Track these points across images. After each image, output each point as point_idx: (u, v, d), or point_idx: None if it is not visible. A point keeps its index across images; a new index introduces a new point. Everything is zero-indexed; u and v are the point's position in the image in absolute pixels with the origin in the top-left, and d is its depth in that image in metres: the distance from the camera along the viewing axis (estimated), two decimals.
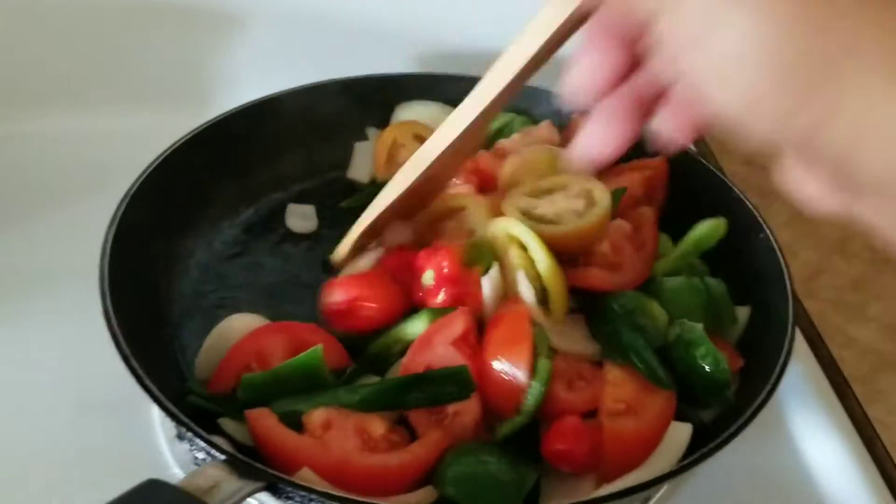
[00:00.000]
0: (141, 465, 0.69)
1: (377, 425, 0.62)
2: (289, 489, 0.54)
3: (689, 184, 0.83)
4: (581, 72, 0.46)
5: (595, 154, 0.48)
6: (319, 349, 0.64)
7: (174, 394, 0.61)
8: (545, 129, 0.86)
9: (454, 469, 0.61)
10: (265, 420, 0.61)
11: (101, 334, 0.64)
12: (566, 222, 0.71)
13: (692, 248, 0.77)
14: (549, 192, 0.75)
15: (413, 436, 0.64)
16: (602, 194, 0.72)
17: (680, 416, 0.66)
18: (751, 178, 0.79)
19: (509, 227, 0.71)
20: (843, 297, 0.88)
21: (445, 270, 0.69)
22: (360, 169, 0.91)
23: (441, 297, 0.69)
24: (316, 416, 0.62)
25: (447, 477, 0.60)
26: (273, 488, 0.54)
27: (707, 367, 0.67)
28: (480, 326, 0.68)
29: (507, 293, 0.70)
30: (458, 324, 0.66)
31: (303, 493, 0.54)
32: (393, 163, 0.86)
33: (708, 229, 0.76)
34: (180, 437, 0.60)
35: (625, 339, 0.68)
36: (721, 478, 0.71)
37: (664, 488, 0.70)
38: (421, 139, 0.85)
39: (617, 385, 0.65)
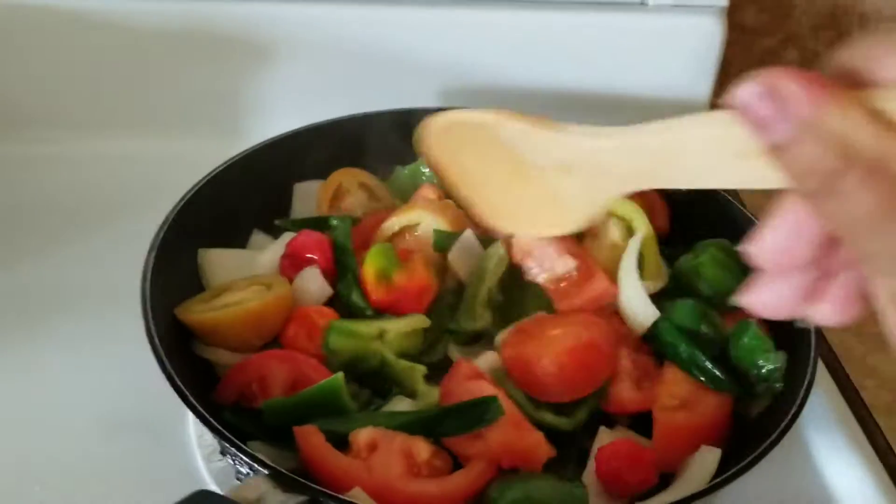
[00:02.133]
0: (178, 482, 0.71)
1: (422, 448, 0.64)
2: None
3: (702, 210, 0.84)
4: (771, 246, 0.39)
5: (766, 315, 0.42)
6: (340, 377, 0.66)
7: (213, 411, 0.63)
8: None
9: (508, 497, 0.62)
10: (312, 438, 0.63)
11: (134, 354, 0.67)
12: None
13: None
14: None
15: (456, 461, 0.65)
16: None
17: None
18: (768, 205, 0.80)
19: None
20: (864, 327, 0.89)
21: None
22: (299, 213, 0.91)
23: None
24: (362, 437, 0.63)
25: None
26: (316, 503, 0.56)
27: (763, 368, 0.71)
28: None
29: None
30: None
31: None
32: (335, 208, 0.87)
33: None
34: (223, 452, 0.61)
35: (684, 356, 0.71)
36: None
37: None
38: (366, 187, 0.90)
39: (673, 384, 0.70)
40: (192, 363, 0.73)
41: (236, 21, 1.00)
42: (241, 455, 0.57)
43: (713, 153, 0.42)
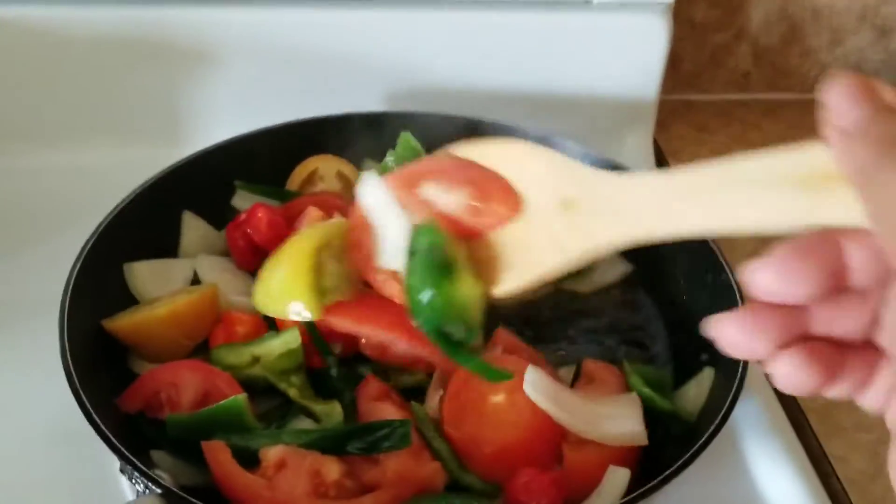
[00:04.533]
0: (97, 497, 0.71)
1: (332, 469, 0.63)
2: None
3: None
4: (768, 278, 0.38)
5: (734, 354, 0.40)
6: (243, 398, 0.65)
7: (122, 427, 0.63)
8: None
9: None
10: (219, 454, 0.62)
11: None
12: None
13: None
14: None
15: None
16: None
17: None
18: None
19: None
20: None
21: None
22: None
23: None
24: (272, 454, 0.63)
25: None
26: None
27: None
28: None
29: None
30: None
31: None
32: (305, 193, 0.88)
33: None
34: (122, 470, 0.61)
35: None
36: None
37: None
38: (343, 177, 0.89)
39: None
40: (125, 379, 0.72)
41: (176, 28, 0.99)
42: (137, 472, 0.57)
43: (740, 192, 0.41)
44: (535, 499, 0.63)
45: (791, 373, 0.38)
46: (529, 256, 0.56)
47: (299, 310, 0.67)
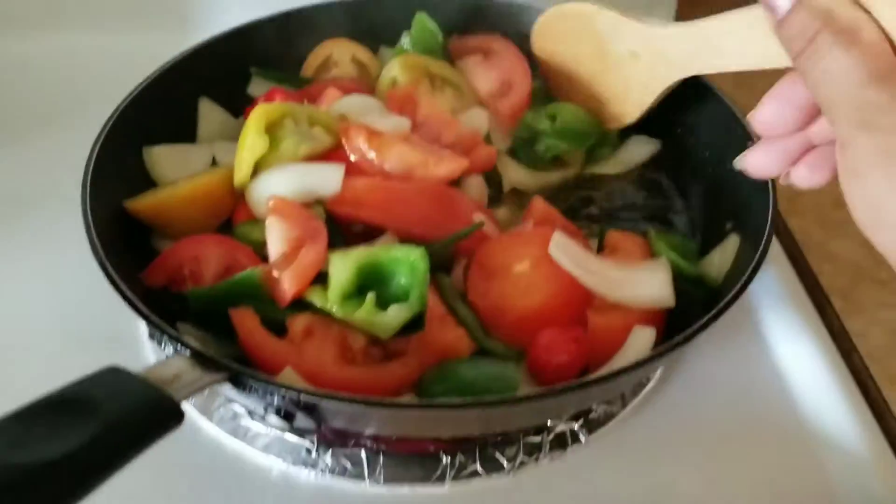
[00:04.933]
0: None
1: (358, 337, 0.63)
2: (249, 381, 0.55)
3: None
4: (768, 113, 0.55)
5: (758, 175, 0.59)
6: (259, 270, 0.64)
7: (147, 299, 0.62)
8: None
9: (440, 382, 0.62)
10: (247, 320, 0.62)
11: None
12: None
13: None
14: None
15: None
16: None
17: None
18: (739, 99, 0.79)
19: None
20: (825, 214, 0.88)
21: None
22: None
23: None
24: (299, 322, 0.63)
25: (430, 387, 0.62)
26: (236, 381, 0.55)
27: None
28: None
29: None
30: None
31: (262, 386, 0.55)
32: (319, 79, 0.87)
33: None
34: (151, 335, 0.61)
35: None
36: (700, 387, 0.73)
37: (643, 393, 0.72)
38: (358, 62, 0.88)
39: None
40: (150, 259, 0.71)
41: None
42: (165, 334, 0.57)
43: (745, 35, 0.63)
44: (556, 356, 0.63)
45: (808, 176, 0.56)
46: (630, 95, 0.78)
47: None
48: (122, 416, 0.47)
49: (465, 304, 0.67)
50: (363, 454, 0.66)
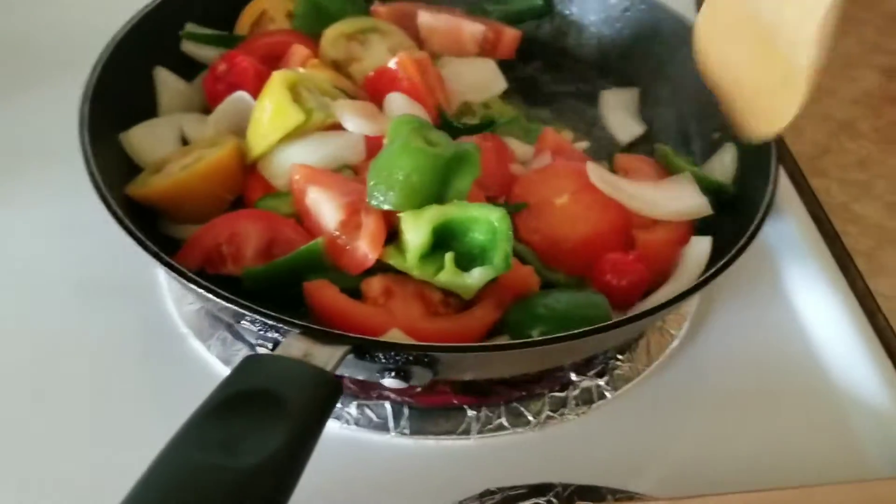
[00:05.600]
0: (153, 328, 0.71)
1: (434, 290, 0.63)
2: (374, 350, 0.55)
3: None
4: None
5: None
6: (320, 242, 0.63)
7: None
8: None
9: (528, 314, 0.63)
10: (326, 291, 0.61)
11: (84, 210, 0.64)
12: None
13: None
14: None
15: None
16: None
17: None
18: None
19: None
20: (849, 175, 0.88)
21: None
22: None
23: None
24: (376, 284, 0.62)
25: (528, 325, 0.62)
26: (359, 351, 0.54)
27: None
28: None
29: None
30: None
31: (388, 353, 0.55)
32: (252, 34, 0.83)
33: None
34: (237, 319, 0.59)
35: None
36: (724, 346, 0.74)
37: (668, 350, 0.73)
38: (291, 15, 0.84)
39: None
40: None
41: None
42: (267, 320, 0.55)
43: None
44: (626, 276, 0.65)
45: None
46: (797, 51, 0.64)
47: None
48: (305, 403, 0.47)
49: (520, 242, 0.68)
50: (388, 406, 0.66)
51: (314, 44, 0.79)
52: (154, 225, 0.70)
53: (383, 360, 0.56)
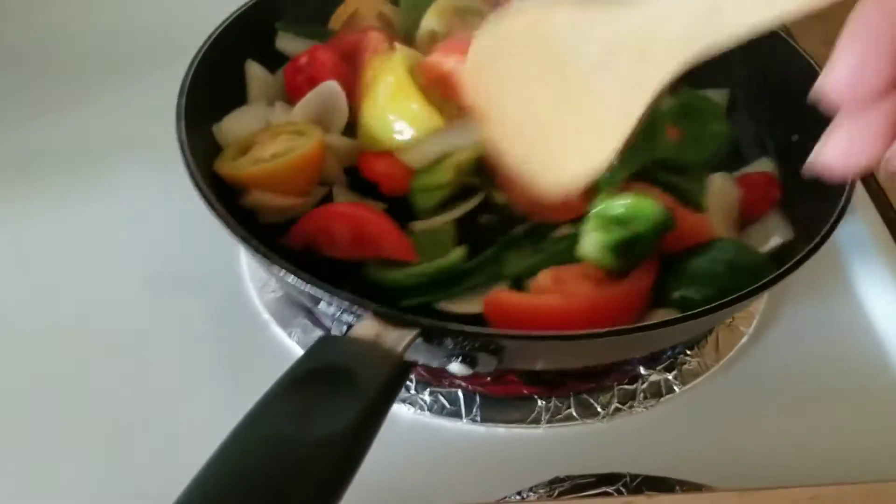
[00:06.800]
0: (235, 316, 0.74)
1: (594, 269, 0.65)
2: (441, 335, 0.56)
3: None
4: (846, 69, 0.35)
5: (846, 167, 0.38)
6: (461, 251, 0.67)
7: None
8: None
9: (695, 264, 0.65)
10: (503, 298, 0.64)
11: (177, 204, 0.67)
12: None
13: None
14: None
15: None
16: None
17: None
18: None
19: None
20: None
21: None
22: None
23: None
24: (543, 278, 0.65)
25: (695, 283, 0.64)
26: (427, 334, 0.56)
27: None
28: None
29: None
30: None
31: (456, 337, 0.57)
32: (347, 31, 0.84)
33: None
34: (316, 302, 0.61)
35: None
36: (793, 344, 0.74)
37: (737, 347, 0.74)
38: (384, 18, 0.85)
39: None
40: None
41: None
42: (344, 301, 0.56)
43: None
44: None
45: None
46: (608, 116, 0.52)
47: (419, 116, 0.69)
48: (373, 382, 0.49)
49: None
50: (460, 394, 0.68)
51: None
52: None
53: (451, 346, 0.58)
